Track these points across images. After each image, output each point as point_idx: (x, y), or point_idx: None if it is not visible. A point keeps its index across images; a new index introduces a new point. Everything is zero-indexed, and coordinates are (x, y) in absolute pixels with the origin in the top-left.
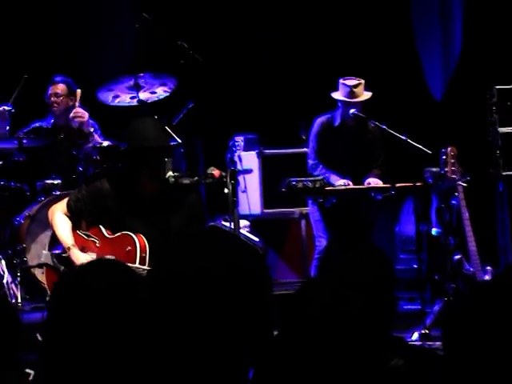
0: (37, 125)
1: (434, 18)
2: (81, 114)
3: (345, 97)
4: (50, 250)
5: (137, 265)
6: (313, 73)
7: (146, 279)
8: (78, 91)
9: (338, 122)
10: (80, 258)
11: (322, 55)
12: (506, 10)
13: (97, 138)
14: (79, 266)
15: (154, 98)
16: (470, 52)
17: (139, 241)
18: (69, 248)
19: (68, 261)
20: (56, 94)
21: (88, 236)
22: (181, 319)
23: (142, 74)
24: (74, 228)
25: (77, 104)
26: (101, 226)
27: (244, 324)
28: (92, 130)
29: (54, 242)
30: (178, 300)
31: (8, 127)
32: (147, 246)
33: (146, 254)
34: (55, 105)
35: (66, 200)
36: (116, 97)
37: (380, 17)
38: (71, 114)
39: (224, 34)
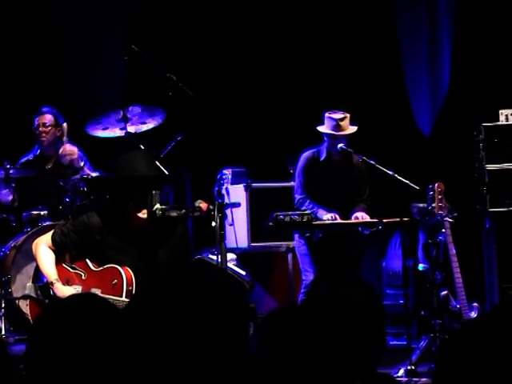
0: (24, 160)
1: (423, 54)
2: (70, 151)
3: (331, 130)
4: (34, 281)
5: (123, 298)
6: (301, 107)
7: (126, 312)
8: (65, 125)
9: (323, 156)
10: (64, 291)
11: (311, 89)
12: (493, 48)
13: (86, 170)
14: (59, 302)
15: (143, 128)
16: (458, 88)
17: (125, 274)
18: (52, 283)
19: (52, 293)
20: (44, 125)
21: (73, 268)
22: (159, 353)
23: (130, 108)
24: (59, 260)
25: (65, 139)
26: (87, 259)
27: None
28: (82, 164)
29: (39, 273)
30: (158, 334)
31: None
32: (134, 279)
33: (132, 287)
34: (43, 135)
35: (50, 233)
36: (105, 129)
37: (368, 51)
38: (60, 151)
39: (213, 68)
